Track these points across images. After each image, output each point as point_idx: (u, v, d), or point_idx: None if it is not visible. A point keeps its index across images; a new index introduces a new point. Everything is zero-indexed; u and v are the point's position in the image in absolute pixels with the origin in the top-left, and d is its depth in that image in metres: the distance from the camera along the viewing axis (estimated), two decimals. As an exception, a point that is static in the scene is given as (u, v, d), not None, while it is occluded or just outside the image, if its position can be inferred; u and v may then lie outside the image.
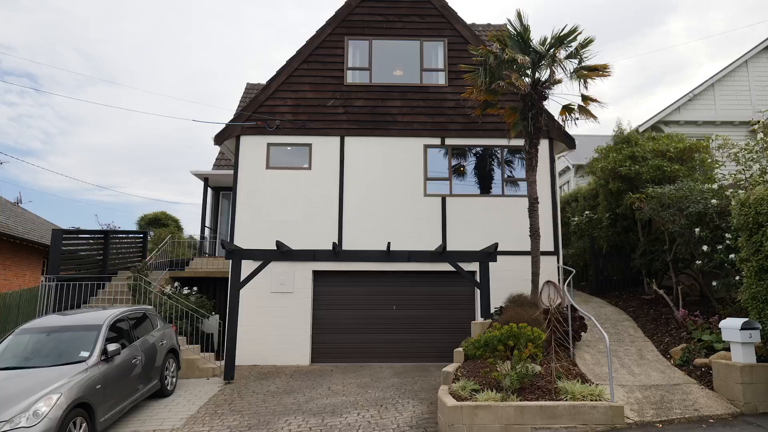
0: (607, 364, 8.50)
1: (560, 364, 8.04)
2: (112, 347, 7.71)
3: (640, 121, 16.94)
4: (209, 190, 17.53)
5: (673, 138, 12.60)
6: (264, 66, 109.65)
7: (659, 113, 18.37)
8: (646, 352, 9.07)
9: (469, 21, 14.38)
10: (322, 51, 14.02)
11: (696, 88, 18.37)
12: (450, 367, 8.49)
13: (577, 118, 11.66)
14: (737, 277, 8.79)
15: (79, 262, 14.03)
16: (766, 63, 18.87)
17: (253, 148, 13.55)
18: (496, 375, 7.18)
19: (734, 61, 18.69)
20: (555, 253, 13.11)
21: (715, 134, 12.87)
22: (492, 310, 11.29)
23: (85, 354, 7.44)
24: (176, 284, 13.55)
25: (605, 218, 14.82)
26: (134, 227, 26.18)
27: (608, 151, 13.51)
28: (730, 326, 7.18)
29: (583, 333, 9.66)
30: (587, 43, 10.97)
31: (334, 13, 14.18)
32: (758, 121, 10.25)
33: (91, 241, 14.89)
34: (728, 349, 7.91)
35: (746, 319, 7.02)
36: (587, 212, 15.65)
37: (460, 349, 9.22)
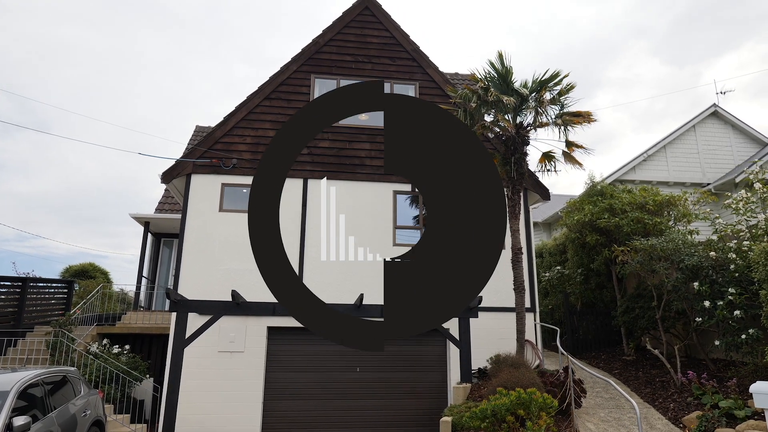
0: (619, 435, 7.51)
1: (570, 436, 6.96)
2: (19, 421, 6.00)
3: (581, 185, 16.87)
4: (149, 236, 15.76)
5: (649, 191, 12.31)
6: (209, 118, 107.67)
7: (616, 172, 18.54)
8: (653, 420, 8.12)
9: (436, 69, 14.03)
10: (286, 88, 13.07)
11: (650, 148, 18.77)
12: (441, 442, 7.23)
13: (552, 169, 11.29)
14: (743, 336, 8.14)
15: (-14, 314, 11.91)
16: (711, 128, 19.63)
17: (205, 188, 12.17)
18: (507, 452, 5.99)
19: (683, 125, 19.32)
20: (532, 309, 12.24)
21: (693, 189, 12.71)
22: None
23: (-19, 431, 5.73)
24: (105, 341, 11.64)
25: (577, 274, 14.22)
26: (57, 279, 23.47)
27: (582, 204, 13.06)
28: (764, 391, 6.36)
29: (582, 398, 8.65)
30: (569, 89, 10.61)
31: (300, 50, 13.37)
32: (754, 172, 10.00)
33: (2, 290, 12.75)
34: (753, 417, 7.12)
35: (784, 383, 6.22)
36: (558, 268, 15.04)
37: (448, 419, 7.98)
